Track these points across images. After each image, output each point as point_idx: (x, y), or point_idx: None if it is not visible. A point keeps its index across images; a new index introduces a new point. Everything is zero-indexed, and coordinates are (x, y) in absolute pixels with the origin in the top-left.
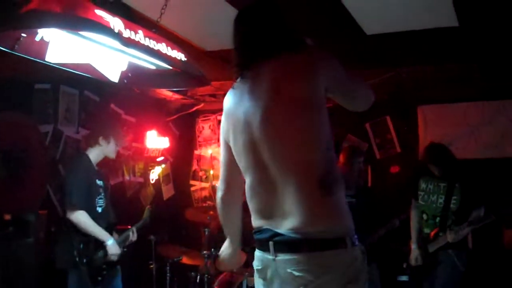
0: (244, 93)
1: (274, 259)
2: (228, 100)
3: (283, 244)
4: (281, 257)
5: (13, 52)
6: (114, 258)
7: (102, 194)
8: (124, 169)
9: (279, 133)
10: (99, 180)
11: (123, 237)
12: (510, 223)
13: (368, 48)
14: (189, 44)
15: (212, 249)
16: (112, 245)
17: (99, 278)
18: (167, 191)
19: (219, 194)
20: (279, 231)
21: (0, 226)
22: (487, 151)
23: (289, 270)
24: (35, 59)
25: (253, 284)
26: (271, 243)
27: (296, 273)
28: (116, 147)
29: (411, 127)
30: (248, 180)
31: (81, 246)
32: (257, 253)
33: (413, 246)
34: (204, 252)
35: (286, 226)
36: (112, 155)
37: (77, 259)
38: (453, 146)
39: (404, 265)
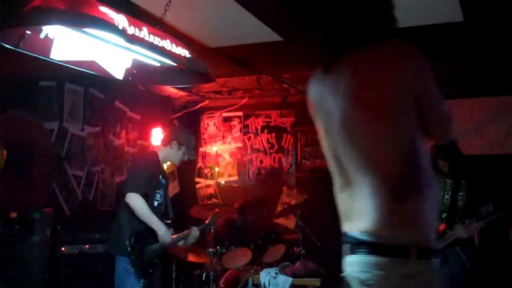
0: (326, 87)
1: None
2: (314, 92)
3: (354, 246)
4: (350, 258)
5: (17, 50)
6: (166, 246)
7: (162, 190)
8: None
9: (357, 139)
10: (163, 178)
11: (182, 235)
12: None
13: None
14: (193, 40)
15: (218, 247)
16: (164, 235)
17: (150, 271)
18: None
19: None
20: (352, 233)
21: (5, 224)
22: (493, 148)
23: (353, 274)
24: (39, 57)
25: (258, 282)
26: (347, 246)
27: (356, 274)
28: (183, 156)
29: None
30: (335, 183)
31: (132, 238)
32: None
33: None
34: (210, 250)
35: (357, 227)
36: (176, 162)
37: (128, 248)
38: (458, 143)
39: None
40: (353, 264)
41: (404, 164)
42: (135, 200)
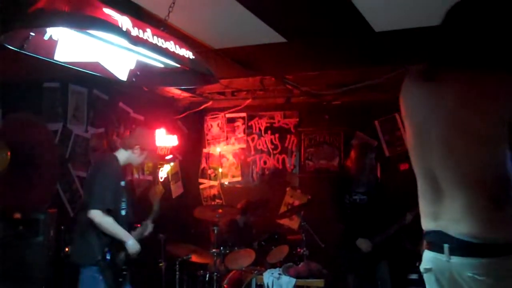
0: (423, 97)
1: (448, 261)
2: (409, 95)
3: (459, 248)
4: (457, 260)
5: (22, 51)
6: (134, 256)
7: (125, 196)
8: (133, 167)
9: (454, 158)
10: (123, 180)
11: (139, 231)
12: None
13: (377, 45)
14: (197, 42)
15: (221, 248)
16: (132, 244)
17: (120, 279)
18: (176, 189)
19: None
20: (452, 234)
21: (10, 225)
22: None
23: (469, 274)
24: (44, 58)
25: (262, 283)
26: (446, 245)
27: (477, 277)
28: (144, 159)
29: None
30: (418, 181)
31: (106, 249)
32: (428, 254)
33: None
34: (213, 250)
35: (459, 231)
36: (136, 164)
37: (99, 260)
38: None
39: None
40: (468, 267)
41: (499, 181)
42: (101, 218)
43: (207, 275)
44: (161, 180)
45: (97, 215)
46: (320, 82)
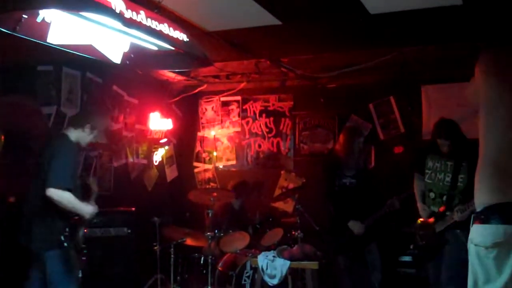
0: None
1: None
2: (494, 62)
3: None
4: None
5: (14, 34)
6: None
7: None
8: (128, 151)
9: None
10: (78, 159)
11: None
12: None
13: (372, 28)
14: (191, 24)
15: (216, 231)
16: (90, 213)
17: (83, 258)
18: (171, 173)
19: None
20: None
21: (4, 209)
22: None
23: None
24: (37, 41)
25: (256, 265)
26: None
27: None
28: (94, 139)
29: (415, 107)
30: (488, 153)
31: (67, 229)
32: (493, 227)
33: (419, 204)
34: (208, 233)
35: None
36: (85, 144)
37: (63, 240)
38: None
39: (411, 246)
40: None
41: None
42: (60, 195)
43: (202, 258)
44: (156, 163)
45: (56, 193)
46: (315, 65)
